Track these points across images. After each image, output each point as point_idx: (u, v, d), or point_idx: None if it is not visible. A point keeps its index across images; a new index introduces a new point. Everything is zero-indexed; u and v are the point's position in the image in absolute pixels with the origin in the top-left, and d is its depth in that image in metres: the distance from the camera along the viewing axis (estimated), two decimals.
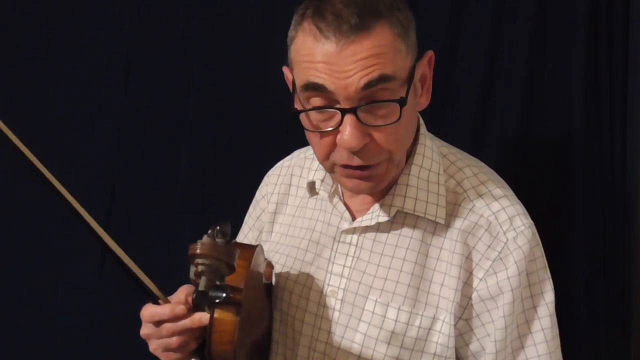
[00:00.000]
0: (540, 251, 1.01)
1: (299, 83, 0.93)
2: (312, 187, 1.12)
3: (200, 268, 0.86)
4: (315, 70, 0.89)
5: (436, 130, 1.45)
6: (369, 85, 0.87)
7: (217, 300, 0.89)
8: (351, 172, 0.95)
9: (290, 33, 0.95)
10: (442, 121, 1.45)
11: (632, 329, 1.38)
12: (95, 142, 1.64)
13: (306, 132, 0.97)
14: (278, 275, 1.11)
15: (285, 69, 1.00)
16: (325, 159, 0.96)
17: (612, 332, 1.39)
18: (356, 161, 0.92)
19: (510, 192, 1.04)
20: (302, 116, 0.94)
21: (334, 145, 0.93)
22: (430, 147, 1.06)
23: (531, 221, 1.02)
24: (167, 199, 1.60)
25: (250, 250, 0.99)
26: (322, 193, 1.09)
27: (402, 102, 0.90)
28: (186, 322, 0.93)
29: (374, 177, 0.95)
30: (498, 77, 1.42)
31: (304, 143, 1.01)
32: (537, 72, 1.40)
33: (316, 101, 0.91)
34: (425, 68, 0.98)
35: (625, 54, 1.36)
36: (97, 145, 1.64)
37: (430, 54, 0.98)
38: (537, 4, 1.39)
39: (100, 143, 1.64)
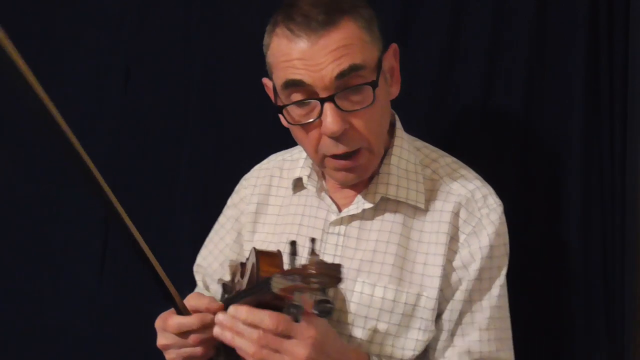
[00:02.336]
0: (505, 229, 1.12)
1: (279, 83, 1.02)
2: (297, 184, 1.19)
3: (314, 286, 0.87)
4: (293, 68, 0.99)
5: (436, 129, 1.46)
6: (341, 74, 0.97)
7: (329, 313, 0.90)
8: (339, 164, 1.04)
9: (265, 43, 1.06)
10: (442, 121, 1.45)
11: (631, 330, 1.38)
12: (95, 142, 1.64)
13: (293, 132, 1.07)
14: None
15: (264, 80, 1.11)
16: (315, 152, 1.05)
17: (611, 332, 1.39)
18: (341, 148, 1.02)
19: (479, 177, 1.16)
20: (286, 114, 1.03)
21: (319, 137, 1.03)
22: (407, 141, 1.16)
23: (500, 201, 1.13)
24: (167, 199, 1.60)
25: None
26: (310, 188, 1.16)
27: (374, 84, 1.00)
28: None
29: (358, 167, 1.05)
30: (498, 77, 1.42)
31: None
32: (537, 72, 1.40)
33: (296, 96, 1.01)
34: (391, 59, 1.08)
35: (625, 54, 1.36)
36: (97, 145, 1.64)
37: (394, 46, 1.08)
38: (537, 4, 1.39)
39: (100, 143, 1.64)
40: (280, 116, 1.08)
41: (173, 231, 1.59)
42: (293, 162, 1.23)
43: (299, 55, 0.98)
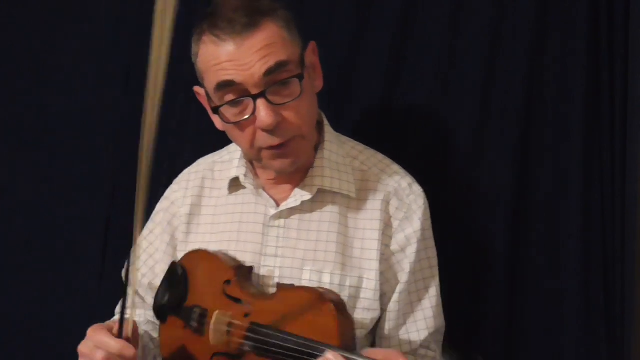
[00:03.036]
0: (429, 213, 1.24)
1: (211, 87, 1.09)
2: (233, 184, 1.24)
3: None
4: (223, 70, 1.05)
5: (436, 129, 1.46)
6: (269, 71, 1.04)
7: None
8: (275, 152, 1.11)
9: (193, 52, 1.12)
10: (442, 121, 1.45)
11: (631, 330, 1.38)
12: (96, 142, 1.64)
13: (229, 132, 1.14)
14: None
15: (196, 89, 1.19)
16: (251, 148, 1.12)
17: (611, 332, 1.39)
18: (276, 140, 1.09)
19: (401, 168, 1.26)
20: (222, 115, 1.10)
21: (254, 133, 1.09)
22: (335, 137, 1.25)
23: (421, 188, 1.25)
24: None
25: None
26: (248, 186, 1.22)
27: (300, 76, 1.08)
28: None
29: (292, 152, 1.12)
30: (498, 77, 1.42)
31: None
32: (537, 72, 1.40)
33: (229, 97, 1.07)
34: (312, 56, 1.16)
35: (625, 54, 1.36)
36: (98, 145, 1.64)
37: (312, 44, 1.16)
38: (537, 4, 1.39)
39: (101, 143, 1.64)
40: (215, 119, 1.16)
41: None
42: (224, 163, 1.29)
43: (228, 58, 1.05)
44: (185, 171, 1.34)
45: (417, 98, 1.46)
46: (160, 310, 1.17)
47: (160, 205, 1.33)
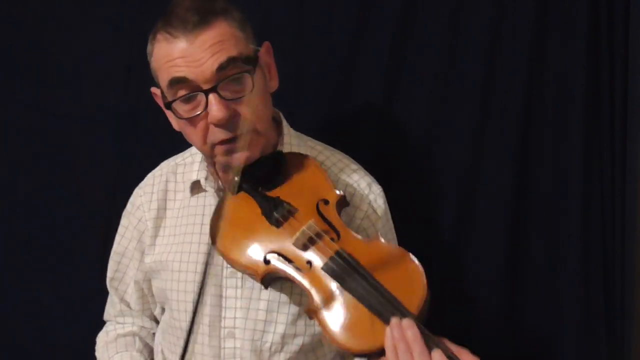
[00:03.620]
0: (389, 214, 1.24)
1: (164, 84, 1.10)
2: (195, 186, 1.24)
3: None
4: (175, 67, 1.06)
5: (436, 129, 1.46)
6: (221, 67, 1.05)
7: None
8: (228, 147, 1.10)
9: (148, 52, 1.14)
10: (442, 121, 1.45)
11: (631, 330, 1.38)
12: (96, 141, 1.64)
13: (183, 129, 1.15)
14: (177, 271, 1.21)
15: (153, 90, 1.20)
16: (204, 144, 1.12)
17: (611, 332, 1.39)
18: (228, 134, 1.09)
19: (360, 167, 1.25)
20: (175, 110, 1.10)
21: (207, 128, 1.10)
22: (295, 135, 1.24)
23: (381, 187, 1.24)
24: None
25: None
26: (209, 189, 1.22)
27: (251, 72, 1.08)
28: None
29: (245, 147, 1.09)
30: (498, 77, 1.42)
31: None
32: (537, 72, 1.40)
33: (181, 92, 1.08)
34: (266, 56, 1.17)
35: (625, 54, 1.36)
36: (98, 145, 1.64)
37: (267, 44, 1.17)
38: (537, 4, 1.39)
39: (101, 143, 1.64)
40: (171, 119, 1.17)
41: None
42: (186, 165, 1.29)
43: (180, 55, 1.06)
44: (149, 175, 1.35)
45: (417, 98, 1.46)
46: (244, 184, 1.13)
47: (126, 210, 1.34)
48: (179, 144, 1.60)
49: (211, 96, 1.06)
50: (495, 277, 1.44)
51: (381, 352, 0.93)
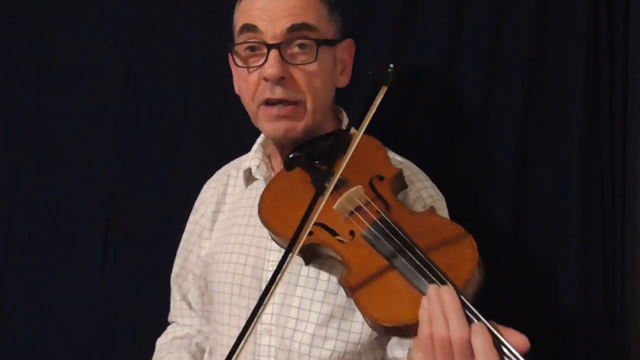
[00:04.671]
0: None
1: (237, 29, 1.12)
2: (248, 177, 1.24)
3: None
4: (250, 15, 1.09)
5: (435, 129, 1.46)
6: (292, 28, 1.07)
7: None
8: (272, 111, 1.10)
9: (236, 8, 1.15)
10: (442, 121, 1.45)
11: (631, 330, 1.38)
12: (95, 142, 1.64)
13: (237, 81, 1.17)
14: (221, 262, 1.20)
15: (230, 55, 1.17)
16: (251, 100, 1.13)
17: (611, 332, 1.39)
18: (277, 93, 1.09)
19: (426, 176, 1.22)
20: (236, 55, 1.12)
21: (259, 82, 1.10)
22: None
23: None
24: (167, 199, 1.60)
25: None
26: (260, 177, 1.21)
27: (318, 42, 1.09)
28: None
29: (289, 117, 1.11)
30: (498, 77, 1.42)
31: None
32: (537, 72, 1.40)
33: (247, 40, 1.10)
34: (345, 52, 1.18)
35: (625, 54, 1.36)
36: (97, 145, 1.64)
37: (350, 41, 1.18)
38: (537, 4, 1.39)
39: (100, 143, 1.64)
40: (235, 78, 1.19)
41: (173, 231, 1.59)
42: (247, 159, 1.27)
43: (260, 6, 1.08)
44: (219, 171, 1.36)
45: (418, 98, 1.46)
46: (301, 160, 1.11)
47: (194, 207, 1.35)
48: (179, 144, 1.61)
49: (272, 51, 1.07)
50: (495, 277, 1.44)
51: (414, 330, 0.86)
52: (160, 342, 1.35)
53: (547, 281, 1.42)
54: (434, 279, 0.87)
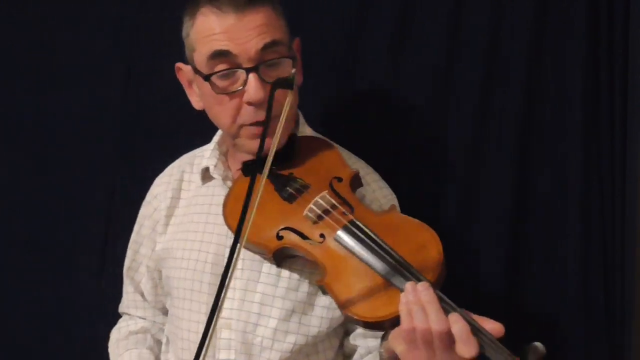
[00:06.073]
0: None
1: (203, 57, 1.10)
2: (205, 175, 1.25)
3: None
4: (219, 41, 1.07)
5: (434, 130, 1.46)
6: (265, 47, 1.08)
7: None
8: (256, 130, 1.11)
9: (186, 24, 1.14)
10: (441, 121, 1.45)
11: (631, 330, 1.38)
12: (95, 142, 1.64)
13: (209, 107, 1.15)
14: (180, 258, 1.22)
15: (179, 65, 1.20)
16: (232, 123, 1.13)
17: (611, 332, 1.38)
18: (260, 115, 1.09)
19: (378, 176, 1.25)
20: (213, 83, 1.10)
21: (239, 108, 1.11)
22: (310, 133, 1.25)
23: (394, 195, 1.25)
24: None
25: None
26: (217, 177, 1.22)
27: (293, 58, 1.11)
28: None
29: (271, 133, 1.07)
30: (496, 77, 1.42)
31: None
32: (535, 72, 1.40)
33: (221, 67, 1.09)
34: (298, 53, 1.18)
35: (625, 54, 1.36)
36: (97, 145, 1.64)
37: (297, 40, 1.19)
38: (536, 4, 1.39)
39: (100, 143, 1.64)
40: (192, 96, 1.20)
41: None
42: (203, 156, 1.28)
43: (225, 29, 1.07)
44: (168, 167, 1.36)
45: (416, 98, 1.45)
46: (253, 166, 1.13)
47: (145, 200, 1.36)
48: (179, 144, 1.61)
49: (251, 75, 1.07)
50: (495, 277, 1.44)
51: (395, 322, 0.93)
52: (115, 336, 1.37)
53: (547, 281, 1.42)
54: (408, 274, 0.93)
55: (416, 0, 1.44)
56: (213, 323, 0.90)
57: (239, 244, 0.92)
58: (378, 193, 1.22)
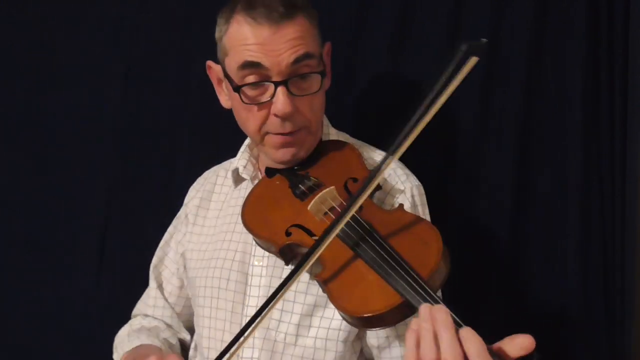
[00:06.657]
0: (426, 207, 1.21)
1: (234, 65, 1.10)
2: (237, 177, 1.27)
3: None
4: (251, 51, 1.08)
5: (435, 129, 1.46)
6: (297, 60, 1.08)
7: None
8: (281, 139, 1.13)
9: (221, 28, 1.14)
10: (441, 121, 1.45)
11: (631, 330, 1.38)
12: (95, 142, 1.64)
13: (238, 111, 1.15)
14: (207, 259, 1.24)
15: (210, 63, 1.20)
16: (258, 131, 1.14)
17: (611, 332, 1.39)
18: (287, 127, 1.11)
19: (403, 165, 1.24)
20: (243, 92, 1.11)
21: (267, 117, 1.11)
22: (335, 134, 1.26)
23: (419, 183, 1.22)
24: (166, 199, 1.60)
25: None
26: (246, 176, 1.24)
27: (322, 73, 1.12)
28: None
29: (296, 142, 1.14)
30: (496, 77, 1.42)
31: None
32: (535, 72, 1.40)
33: (251, 78, 1.10)
34: (328, 58, 1.18)
35: (625, 54, 1.36)
36: (97, 145, 1.64)
37: (328, 45, 1.18)
38: (536, 4, 1.39)
39: (100, 143, 1.64)
40: (221, 95, 1.21)
41: None
42: (235, 161, 1.29)
43: (259, 41, 1.07)
44: (207, 171, 1.38)
45: (416, 98, 1.45)
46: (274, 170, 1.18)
47: (184, 202, 1.37)
48: (178, 144, 1.62)
49: (280, 88, 1.08)
50: (495, 277, 1.44)
51: (384, 321, 0.93)
52: (126, 330, 1.34)
53: (547, 281, 1.42)
54: (402, 273, 0.93)
55: (416, 0, 1.44)
56: (251, 328, 0.94)
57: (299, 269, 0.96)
58: (395, 190, 1.19)
